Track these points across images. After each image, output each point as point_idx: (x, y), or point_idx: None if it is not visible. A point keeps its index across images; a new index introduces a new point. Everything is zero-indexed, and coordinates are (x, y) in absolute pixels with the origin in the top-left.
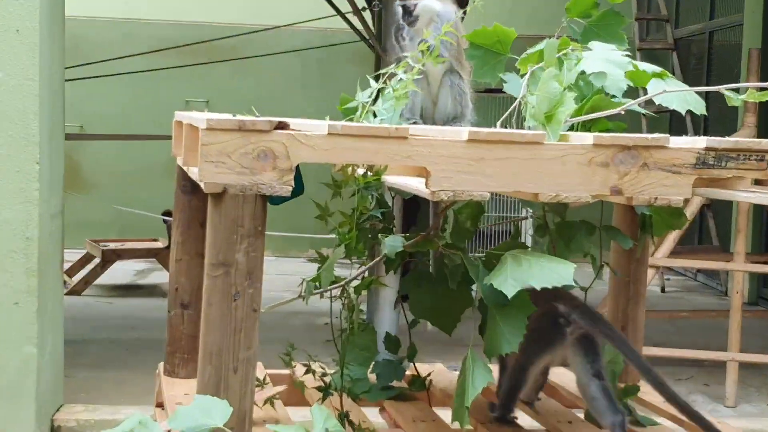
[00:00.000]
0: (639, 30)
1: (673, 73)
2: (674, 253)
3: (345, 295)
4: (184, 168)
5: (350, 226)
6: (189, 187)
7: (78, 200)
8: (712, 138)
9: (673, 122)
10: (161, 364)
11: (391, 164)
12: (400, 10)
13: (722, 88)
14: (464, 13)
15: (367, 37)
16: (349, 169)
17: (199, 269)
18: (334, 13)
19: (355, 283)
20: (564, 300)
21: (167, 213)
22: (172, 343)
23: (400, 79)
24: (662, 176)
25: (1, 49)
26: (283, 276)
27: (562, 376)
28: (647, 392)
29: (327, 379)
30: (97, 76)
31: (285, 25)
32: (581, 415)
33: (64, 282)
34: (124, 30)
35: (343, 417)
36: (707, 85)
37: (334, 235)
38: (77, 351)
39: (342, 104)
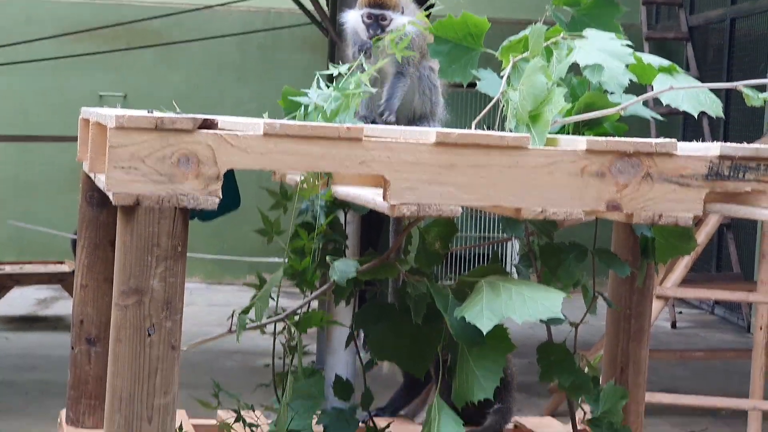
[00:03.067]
0: (647, 16)
1: (687, 68)
2: (687, 282)
3: (288, 331)
4: (91, 176)
5: (305, 249)
6: (97, 198)
7: None
8: (728, 144)
9: (687, 128)
10: (63, 412)
11: (342, 172)
12: (365, 20)
13: (741, 85)
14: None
15: (319, 20)
16: (311, 181)
17: (108, 298)
18: None
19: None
20: None
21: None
22: (76, 387)
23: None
24: (668, 189)
25: None
26: (215, 307)
27: (550, 429)
28: None
29: (260, 430)
30: None
31: (220, 5)
32: None
33: None
34: (27, 10)
35: None
36: (728, 81)
37: (279, 259)
38: None
39: (284, 98)
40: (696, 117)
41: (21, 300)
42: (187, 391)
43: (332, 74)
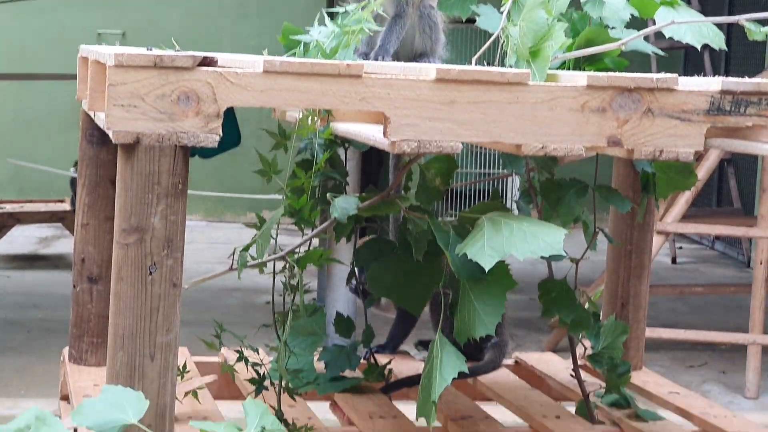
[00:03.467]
0: None
1: (688, 1)
2: (687, 217)
3: (288, 269)
4: (91, 114)
5: (303, 187)
6: (97, 137)
7: None
8: (729, 79)
9: (688, 63)
10: (66, 350)
11: (342, 109)
12: None
13: (743, 19)
14: None
15: None
16: (309, 119)
17: (109, 236)
18: None
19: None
20: None
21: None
22: (78, 325)
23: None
24: (669, 124)
25: None
26: (215, 245)
27: (550, 364)
28: (651, 382)
29: (263, 369)
30: None
31: None
32: (572, 409)
33: None
34: None
35: (280, 416)
36: (729, 15)
37: (278, 196)
38: None
39: (285, 35)
40: (699, 50)
41: (22, 239)
42: (189, 328)
43: (334, 12)
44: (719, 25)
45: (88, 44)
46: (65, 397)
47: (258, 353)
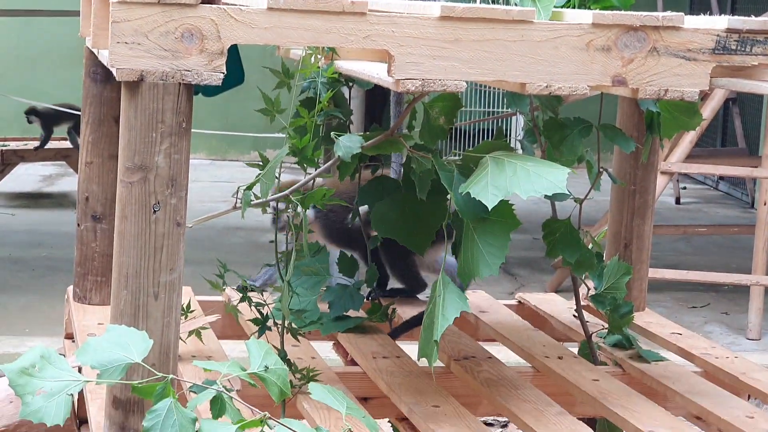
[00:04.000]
0: None
1: None
2: (691, 157)
3: (292, 208)
4: (94, 51)
5: (307, 126)
6: (101, 75)
7: None
8: (735, 18)
9: (695, 3)
10: (70, 288)
11: (346, 46)
12: None
13: None
14: None
15: None
16: (312, 57)
17: (113, 174)
18: None
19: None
20: None
21: (33, 111)
22: (82, 264)
23: None
24: (675, 63)
25: None
26: (219, 183)
27: (553, 305)
28: (653, 322)
29: (266, 308)
30: None
31: None
32: (575, 350)
33: None
34: None
35: (283, 355)
36: None
37: (282, 135)
38: None
39: None
40: None
41: (26, 176)
42: (192, 267)
43: None
44: None
45: None
46: (70, 336)
47: (262, 293)
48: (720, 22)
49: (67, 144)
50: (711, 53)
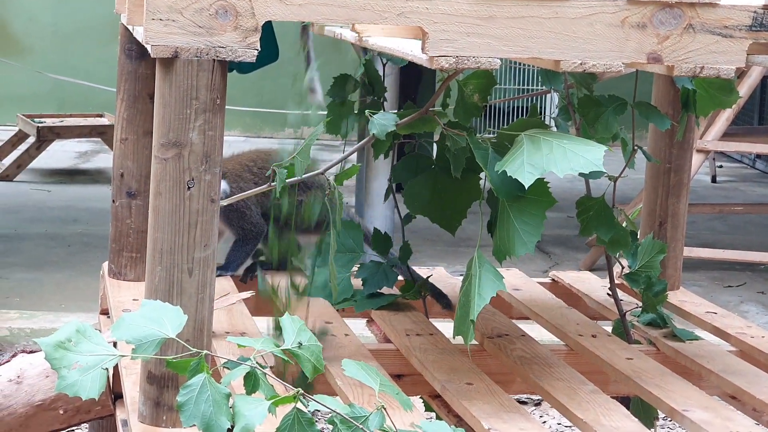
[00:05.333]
0: None
1: None
2: (728, 135)
3: (326, 185)
4: (129, 28)
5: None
6: (136, 51)
7: (7, 67)
8: None
9: None
10: (105, 264)
11: (379, 23)
12: None
13: None
14: None
15: None
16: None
17: (148, 151)
18: None
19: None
20: None
21: None
22: (117, 240)
23: None
24: (711, 40)
25: None
26: None
27: (587, 283)
28: (688, 301)
29: (300, 284)
30: None
31: None
32: (609, 328)
33: None
34: None
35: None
36: None
37: (318, 111)
38: (10, 248)
39: None
40: None
41: (62, 153)
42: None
43: None
44: None
45: None
46: (105, 312)
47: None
48: None
49: (103, 121)
50: (748, 30)
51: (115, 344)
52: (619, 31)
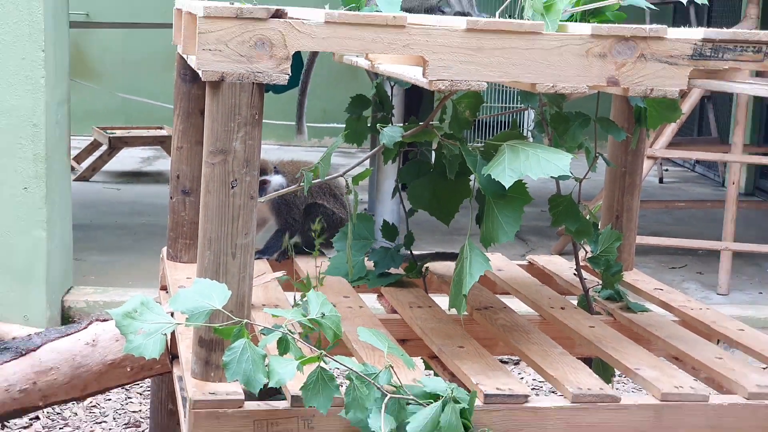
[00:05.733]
0: None
1: None
2: (673, 144)
3: (345, 185)
4: (184, 56)
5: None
6: (189, 75)
7: (85, 89)
8: (710, 29)
9: (677, 16)
10: (164, 249)
11: (388, 53)
12: None
13: None
14: None
15: None
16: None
17: (199, 157)
18: None
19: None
20: None
21: None
22: (174, 229)
23: None
24: (659, 67)
25: None
26: None
27: (557, 265)
28: (639, 280)
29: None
30: None
31: None
32: (575, 302)
33: (72, 168)
34: None
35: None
36: None
37: (339, 125)
38: (87, 236)
39: None
40: (684, 5)
41: (129, 158)
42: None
43: None
44: None
45: None
46: (164, 288)
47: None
48: (697, 33)
49: (162, 132)
50: (689, 59)
51: (172, 314)
52: (584, 59)
